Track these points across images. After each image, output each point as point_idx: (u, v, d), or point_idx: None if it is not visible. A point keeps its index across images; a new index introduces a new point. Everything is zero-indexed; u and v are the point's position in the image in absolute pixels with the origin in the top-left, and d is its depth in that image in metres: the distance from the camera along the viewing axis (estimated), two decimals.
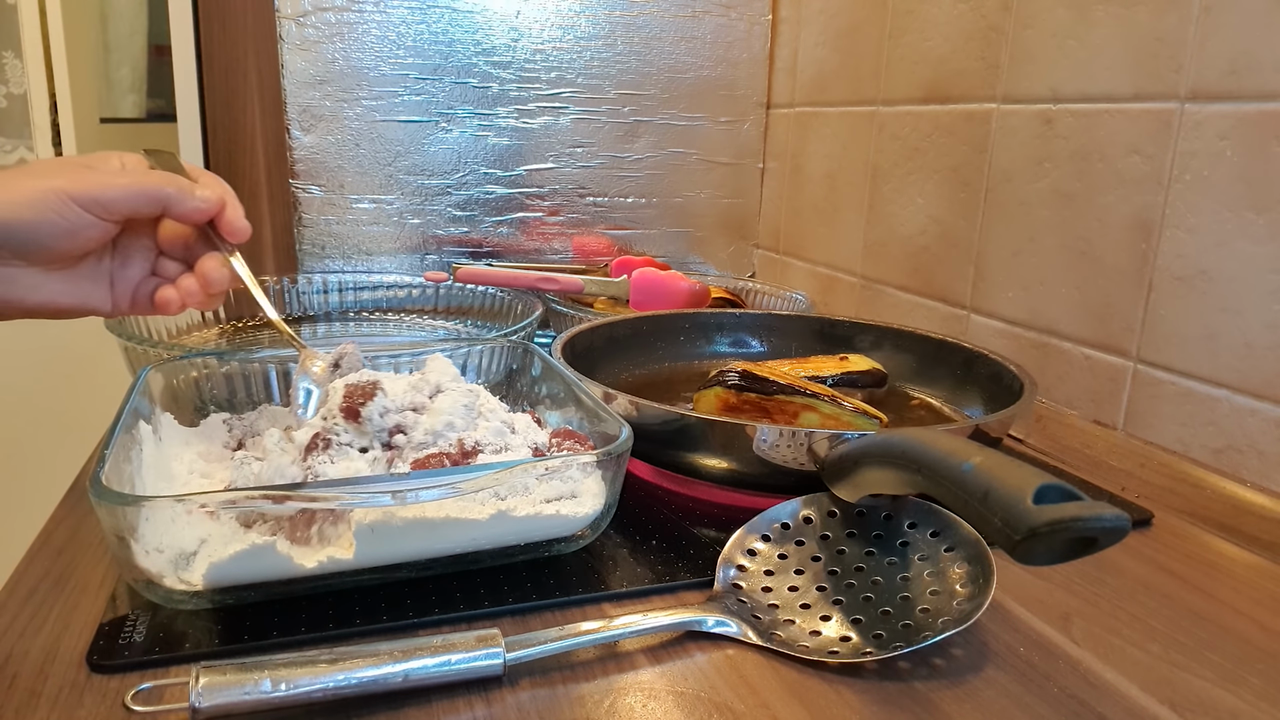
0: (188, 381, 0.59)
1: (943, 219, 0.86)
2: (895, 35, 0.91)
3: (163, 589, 0.41)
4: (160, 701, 0.36)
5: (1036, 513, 0.36)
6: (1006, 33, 0.77)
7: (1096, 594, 0.50)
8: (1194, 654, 0.45)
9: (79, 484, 0.60)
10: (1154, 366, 0.65)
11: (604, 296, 0.93)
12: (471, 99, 1.03)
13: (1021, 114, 0.76)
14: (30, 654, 0.41)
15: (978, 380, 0.70)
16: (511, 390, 0.65)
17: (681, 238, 1.15)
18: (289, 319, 0.94)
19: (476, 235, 1.07)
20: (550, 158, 1.08)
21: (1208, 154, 0.60)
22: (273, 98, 1.22)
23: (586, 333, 0.74)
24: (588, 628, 0.42)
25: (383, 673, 0.37)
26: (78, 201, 0.45)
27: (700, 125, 1.12)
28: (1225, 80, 0.59)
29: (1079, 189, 0.70)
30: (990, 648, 0.44)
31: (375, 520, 0.43)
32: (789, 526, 0.50)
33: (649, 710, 0.39)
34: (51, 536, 0.52)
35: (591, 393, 0.55)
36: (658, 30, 1.08)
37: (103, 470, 0.41)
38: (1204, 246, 0.61)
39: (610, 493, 0.49)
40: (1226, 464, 0.60)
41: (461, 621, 0.44)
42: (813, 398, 0.61)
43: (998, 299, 0.79)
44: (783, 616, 0.45)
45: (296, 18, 0.96)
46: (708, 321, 0.84)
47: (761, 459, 0.53)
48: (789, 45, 1.10)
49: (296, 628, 0.43)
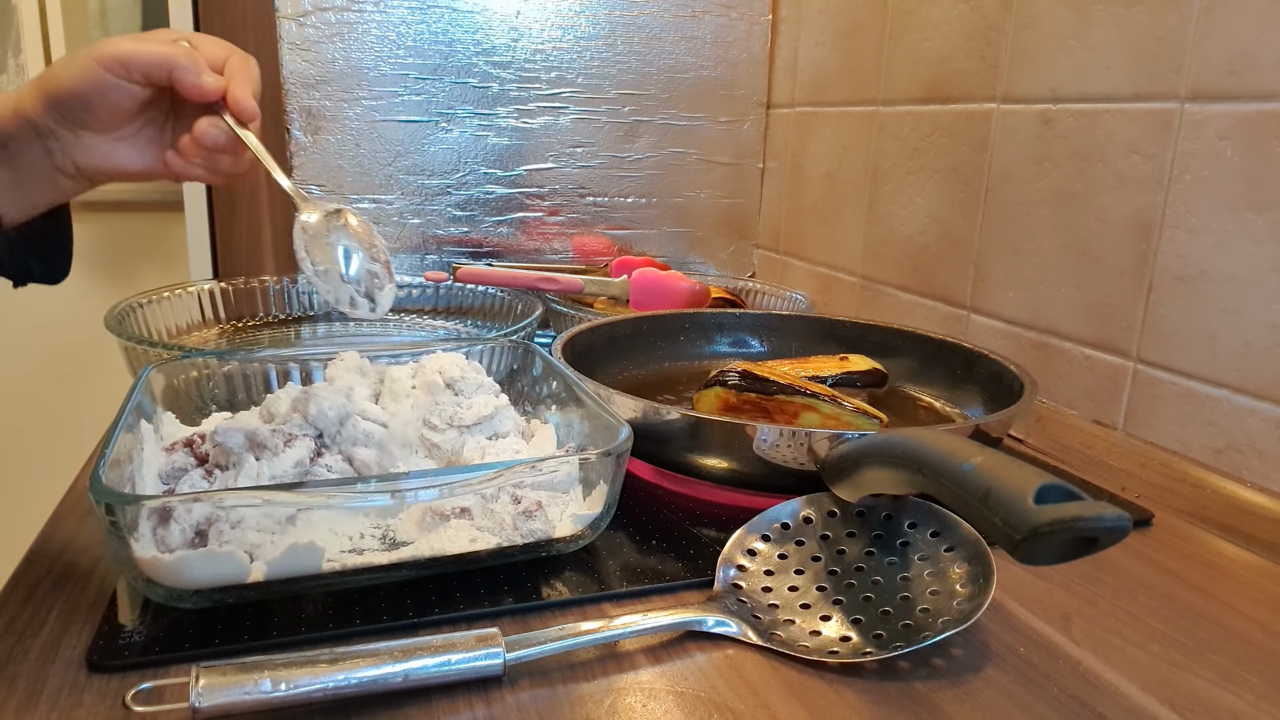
0: (188, 381, 0.59)
1: (943, 219, 0.86)
2: (895, 35, 0.91)
3: (163, 589, 0.41)
4: (160, 701, 0.36)
5: (1037, 512, 0.36)
6: (1006, 33, 0.77)
7: (1096, 594, 0.50)
8: (1194, 654, 0.45)
9: (79, 484, 0.60)
10: (1154, 366, 0.65)
11: (604, 296, 0.93)
12: (471, 99, 1.03)
13: (1021, 114, 0.76)
14: (30, 654, 0.41)
15: (978, 380, 0.70)
16: (512, 390, 0.65)
17: (681, 238, 1.15)
18: (289, 319, 0.94)
19: (476, 235, 1.07)
20: (550, 158, 1.08)
21: (1208, 154, 0.60)
22: (273, 98, 1.22)
23: (586, 333, 0.74)
24: (588, 628, 0.42)
25: (383, 673, 0.37)
26: (104, 65, 0.51)
27: (700, 125, 1.12)
28: (1225, 80, 0.59)
29: (1079, 189, 0.70)
30: (990, 648, 0.44)
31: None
32: (789, 526, 0.50)
33: (649, 710, 0.39)
34: (51, 536, 0.52)
35: (592, 393, 0.55)
36: (658, 30, 1.08)
37: (102, 470, 0.41)
38: (1204, 246, 0.61)
39: (610, 493, 0.49)
40: (1226, 464, 0.60)
41: (461, 621, 0.44)
42: (813, 398, 0.61)
43: (998, 299, 0.79)
44: (783, 616, 0.45)
45: (296, 18, 0.96)
46: (708, 321, 0.84)
47: (762, 459, 0.53)
48: (789, 45, 1.10)
49: (296, 628, 0.43)
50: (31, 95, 0.52)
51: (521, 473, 0.47)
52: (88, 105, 0.52)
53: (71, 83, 0.51)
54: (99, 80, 0.51)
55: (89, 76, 0.51)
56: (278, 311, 0.94)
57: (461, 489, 0.45)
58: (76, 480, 0.61)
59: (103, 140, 0.53)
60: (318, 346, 0.77)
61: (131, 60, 0.52)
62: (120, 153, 0.54)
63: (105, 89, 0.52)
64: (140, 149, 0.55)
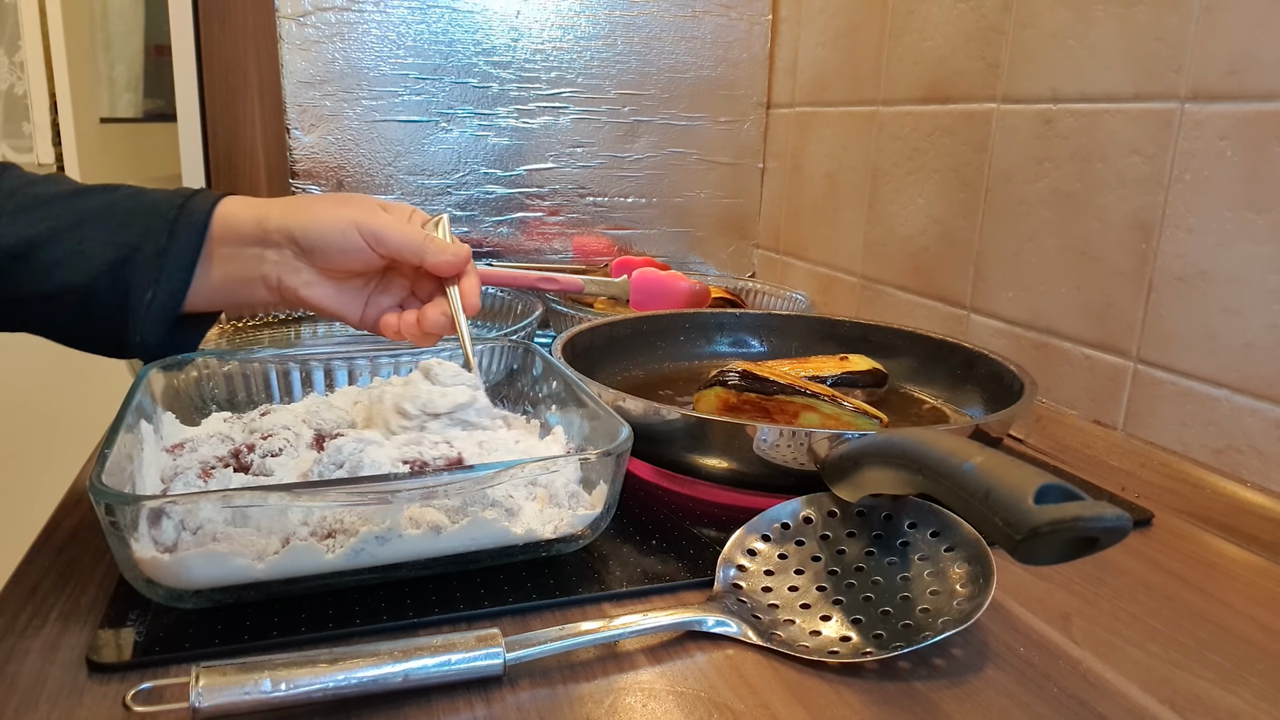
0: (188, 381, 0.59)
1: (943, 219, 0.86)
2: (895, 35, 0.91)
3: (163, 589, 0.41)
4: (160, 701, 0.36)
5: (1038, 512, 0.36)
6: (1006, 33, 0.77)
7: (1096, 594, 0.50)
8: (1194, 654, 0.45)
9: (79, 484, 0.60)
10: (1154, 366, 0.65)
11: (604, 296, 0.93)
12: (471, 99, 1.03)
13: (1021, 114, 0.76)
14: (30, 654, 0.41)
15: (978, 380, 0.70)
16: (512, 390, 0.65)
17: (681, 238, 1.15)
18: (289, 319, 0.94)
19: (476, 235, 1.07)
20: (550, 158, 1.08)
21: (1208, 154, 0.60)
22: (273, 98, 1.23)
23: (586, 333, 0.74)
24: (588, 628, 0.42)
25: (383, 673, 0.37)
26: (362, 232, 0.54)
27: (700, 125, 1.12)
28: (1225, 80, 0.59)
29: (1079, 189, 0.70)
30: (990, 648, 0.44)
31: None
32: (789, 526, 0.50)
33: (649, 710, 0.39)
34: (51, 536, 0.52)
35: (592, 392, 0.55)
36: (658, 30, 1.08)
37: (102, 470, 0.41)
38: (1204, 246, 0.61)
39: (610, 493, 0.49)
40: (1226, 464, 0.60)
41: (461, 621, 0.44)
42: (813, 398, 0.61)
43: (998, 299, 0.79)
44: (783, 616, 0.45)
45: (296, 18, 0.96)
46: (708, 321, 0.84)
47: (762, 459, 0.53)
48: (789, 45, 1.10)
49: (296, 628, 0.43)
50: (279, 218, 0.54)
51: (521, 473, 0.47)
52: (327, 257, 0.55)
53: (325, 237, 0.54)
54: (352, 244, 0.54)
55: (346, 239, 0.54)
56: (277, 311, 0.94)
57: (461, 489, 0.45)
58: (76, 480, 0.61)
59: (319, 279, 0.56)
60: (318, 346, 0.77)
61: (388, 240, 0.55)
62: (329, 295, 0.57)
63: (352, 251, 0.55)
64: (347, 296, 0.57)
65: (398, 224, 0.56)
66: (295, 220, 0.54)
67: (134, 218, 0.53)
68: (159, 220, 0.52)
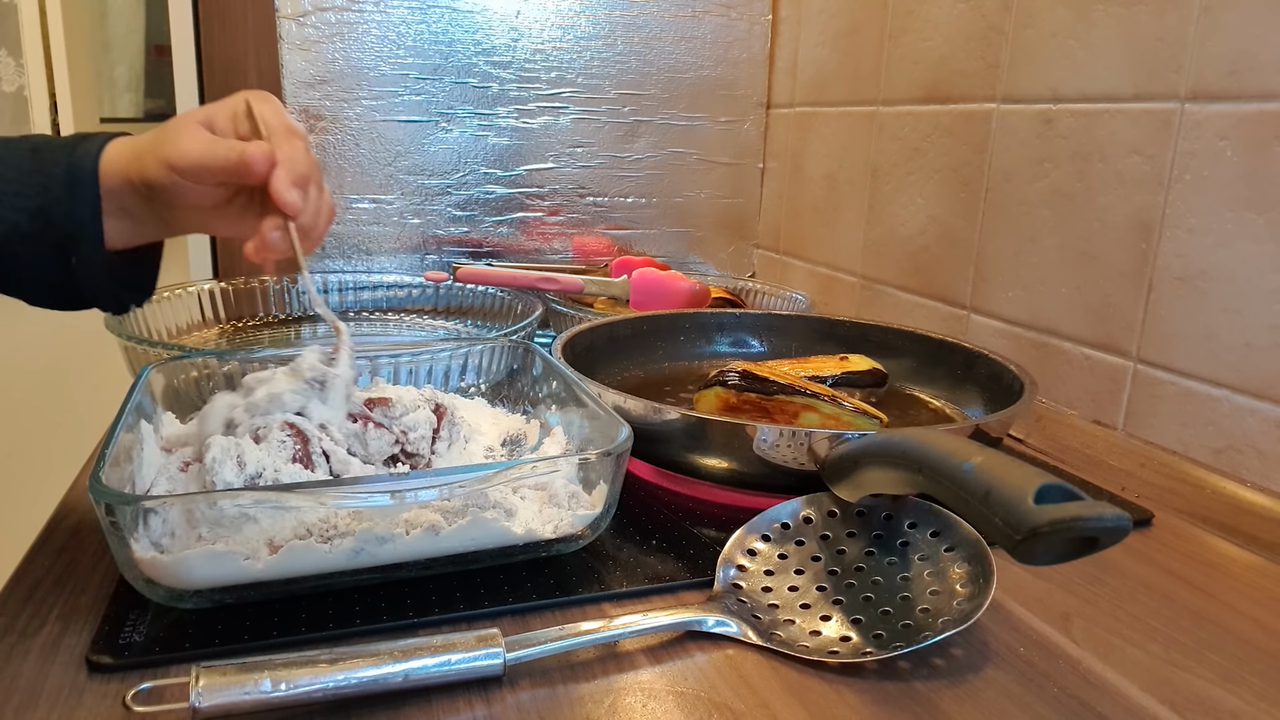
0: (188, 381, 0.59)
1: (943, 219, 0.86)
2: (895, 35, 0.91)
3: (163, 589, 0.41)
4: (160, 701, 0.36)
5: (1038, 512, 0.36)
6: (1006, 33, 0.77)
7: (1096, 594, 0.50)
8: (1194, 654, 0.45)
9: (79, 484, 0.60)
10: (1154, 366, 0.65)
11: (604, 296, 0.93)
12: (471, 99, 1.03)
13: (1021, 114, 0.76)
14: (30, 654, 0.41)
15: (978, 380, 0.70)
16: (512, 390, 0.65)
17: (681, 238, 1.15)
18: (289, 319, 0.94)
19: (476, 235, 1.07)
20: (550, 158, 1.08)
21: (1208, 154, 0.60)
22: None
23: (586, 333, 0.74)
24: (588, 628, 0.42)
25: (383, 673, 0.37)
26: (175, 170, 0.51)
27: (700, 125, 1.12)
28: (1225, 80, 0.59)
29: (1079, 189, 0.70)
30: (990, 648, 0.44)
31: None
32: (789, 526, 0.50)
33: (649, 710, 0.39)
34: (51, 536, 0.52)
35: (591, 393, 0.55)
36: (658, 30, 1.08)
37: (102, 470, 0.41)
38: (1204, 246, 0.61)
39: (610, 493, 0.49)
40: (1226, 464, 0.60)
41: (461, 621, 0.44)
42: (813, 398, 0.61)
43: (998, 299, 0.79)
44: (783, 616, 0.45)
45: (296, 18, 0.96)
46: (708, 321, 0.84)
47: (762, 459, 0.53)
48: (789, 45, 1.10)
49: (296, 628, 0.43)
50: (138, 171, 0.52)
51: (521, 472, 0.47)
52: (182, 195, 0.53)
53: (158, 182, 0.52)
54: (176, 184, 0.52)
55: (171, 181, 0.52)
56: (277, 311, 0.94)
57: (461, 489, 0.45)
58: (76, 480, 0.61)
59: (198, 214, 0.55)
60: (317, 345, 0.77)
61: (186, 171, 0.51)
62: (216, 225, 0.56)
63: (186, 189, 0.52)
64: (232, 221, 0.56)
65: (198, 144, 0.52)
66: (138, 171, 0.52)
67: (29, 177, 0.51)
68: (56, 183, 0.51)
